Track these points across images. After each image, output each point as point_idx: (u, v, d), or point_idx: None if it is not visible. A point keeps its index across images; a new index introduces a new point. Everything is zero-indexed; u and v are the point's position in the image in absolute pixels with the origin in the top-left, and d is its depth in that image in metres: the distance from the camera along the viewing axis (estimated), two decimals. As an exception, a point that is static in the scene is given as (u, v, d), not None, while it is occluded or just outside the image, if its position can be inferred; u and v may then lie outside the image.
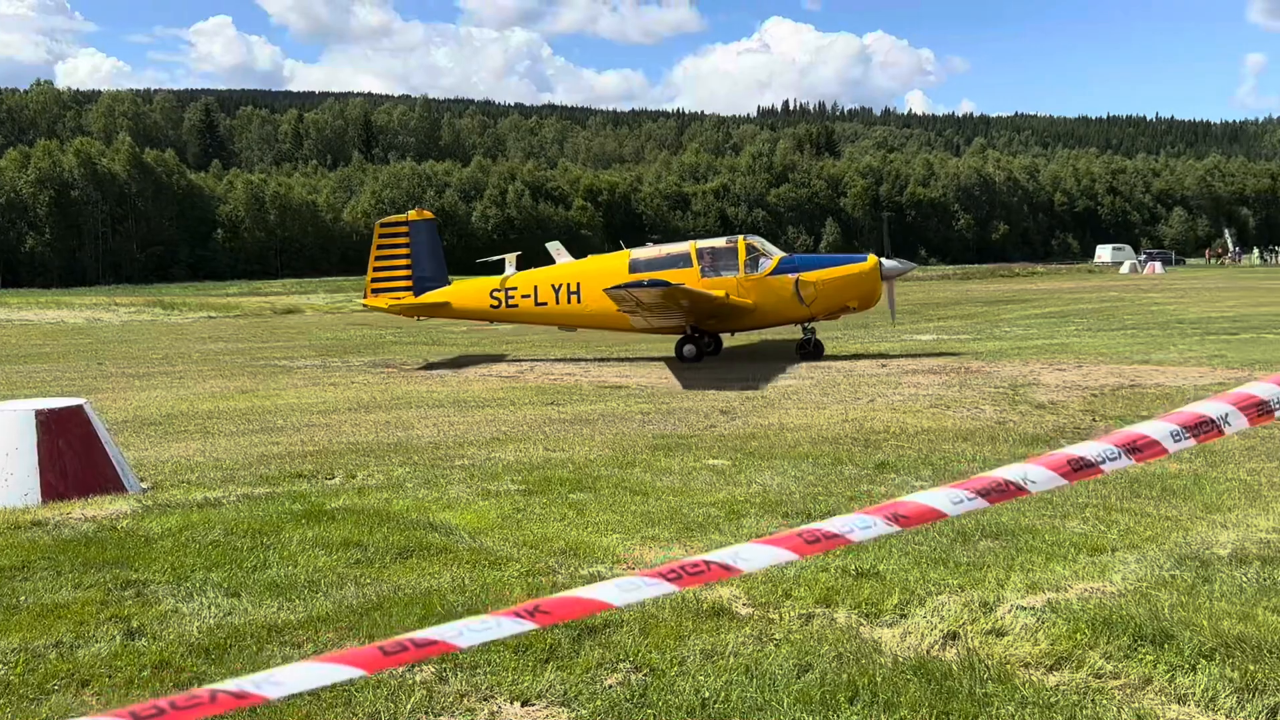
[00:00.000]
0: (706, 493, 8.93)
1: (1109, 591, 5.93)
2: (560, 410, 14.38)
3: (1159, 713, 4.42)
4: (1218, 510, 7.87)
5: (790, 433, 12.05)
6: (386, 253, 23.37)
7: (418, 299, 23.09)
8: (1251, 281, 59.58)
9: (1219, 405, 2.58)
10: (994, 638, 5.27)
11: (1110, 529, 7.40)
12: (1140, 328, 26.79)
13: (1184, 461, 9.59)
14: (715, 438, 11.83)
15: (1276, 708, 4.42)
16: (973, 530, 7.38)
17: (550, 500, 8.71)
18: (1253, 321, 27.82)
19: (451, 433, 12.61)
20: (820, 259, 22.18)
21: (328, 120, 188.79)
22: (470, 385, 17.82)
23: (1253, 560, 6.49)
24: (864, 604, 5.81)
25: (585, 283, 22.07)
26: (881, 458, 10.33)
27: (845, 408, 14.02)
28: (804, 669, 4.92)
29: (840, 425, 12.53)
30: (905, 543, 7.06)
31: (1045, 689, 4.63)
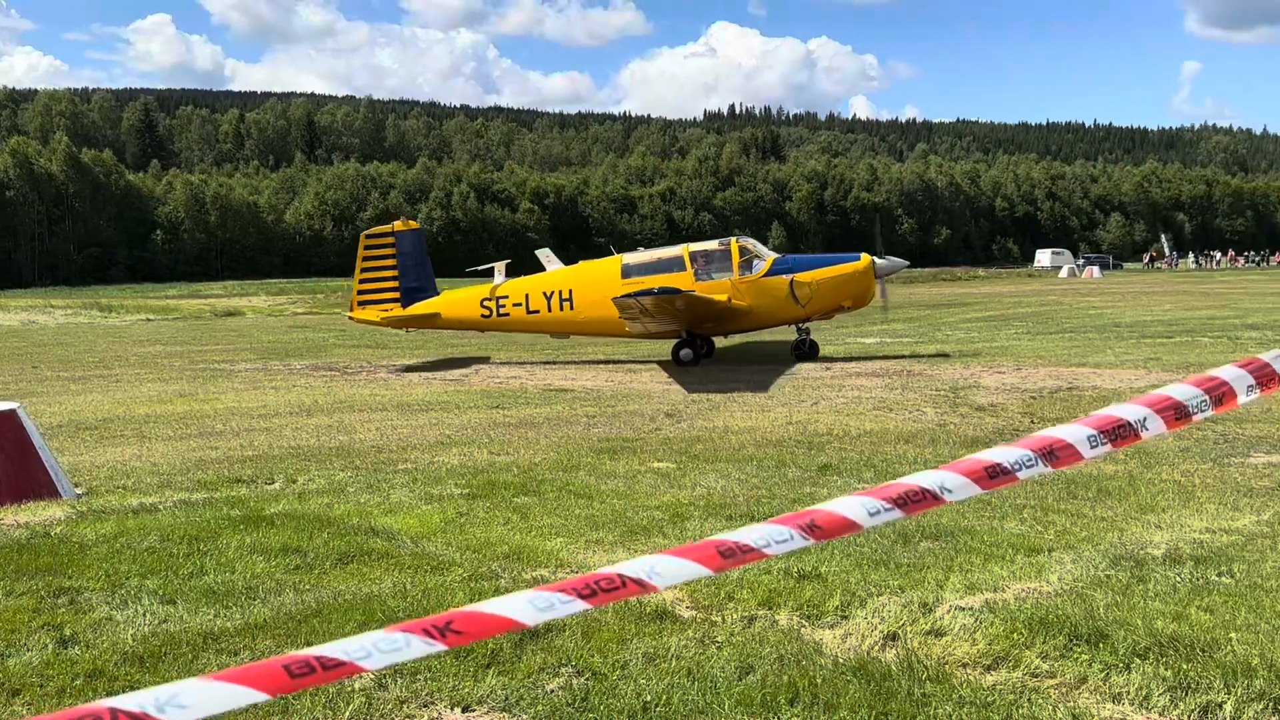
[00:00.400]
0: (651, 496, 8.93)
1: (1045, 591, 6.01)
2: (505, 414, 14.33)
3: (1094, 712, 4.49)
4: (1152, 511, 8.02)
5: (735, 435, 12.10)
6: (373, 264, 23.02)
7: (406, 310, 22.76)
8: (1187, 285, 60.79)
9: (1137, 409, 2.61)
10: (933, 638, 5.32)
11: (1047, 530, 7.50)
12: (1078, 331, 27.22)
13: (1119, 463, 9.76)
14: (660, 440, 11.84)
15: (1209, 706, 4.51)
16: (913, 531, 7.45)
17: (494, 504, 8.67)
18: (1187, 325, 28.37)
19: (394, 436, 12.52)
20: (815, 259, 22.10)
21: (270, 120, 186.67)
22: (414, 389, 17.69)
23: (1186, 560, 6.62)
24: (806, 606, 5.85)
25: (577, 289, 21.86)
26: (825, 460, 10.40)
27: (789, 410, 14.10)
28: (745, 671, 4.94)
29: (784, 428, 12.60)
30: (848, 544, 7.11)
31: (982, 689, 4.68)
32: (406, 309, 22.77)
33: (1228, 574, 6.30)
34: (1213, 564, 6.51)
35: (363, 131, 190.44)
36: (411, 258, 22.99)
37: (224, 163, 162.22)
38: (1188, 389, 2.67)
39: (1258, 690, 4.56)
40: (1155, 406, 2.62)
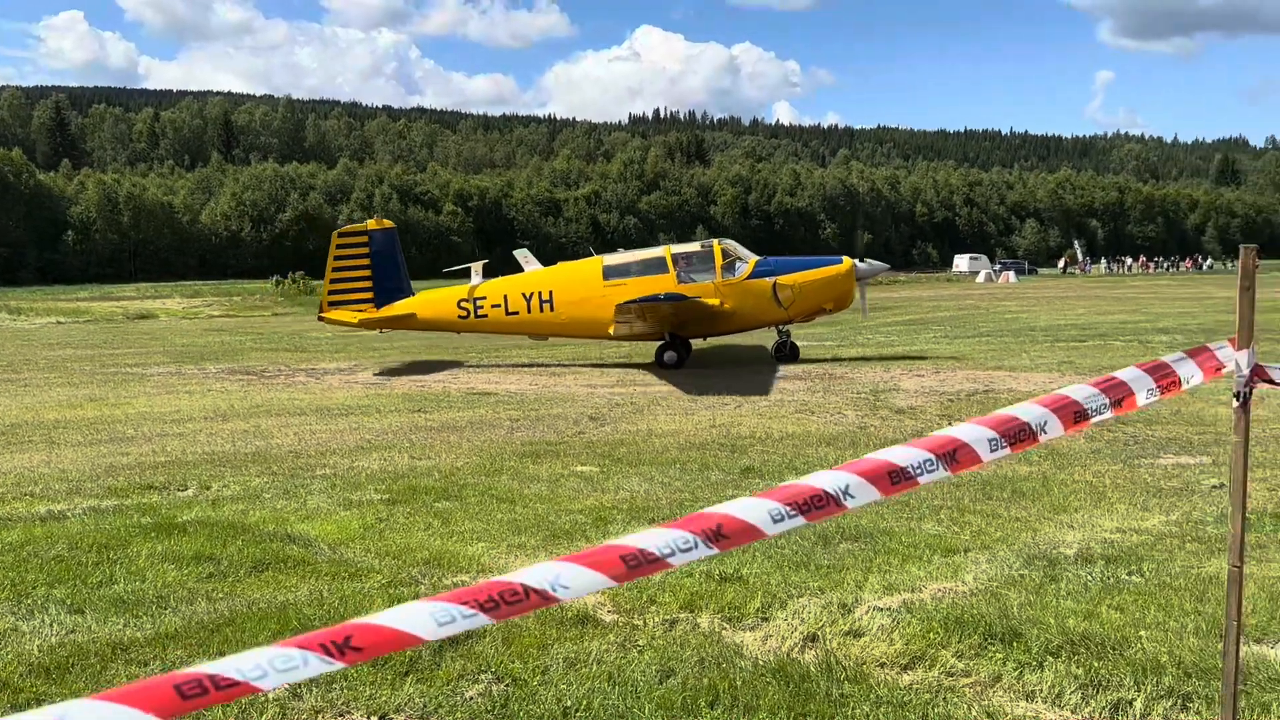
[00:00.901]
0: (574, 500, 8.90)
1: (961, 591, 6.10)
2: (428, 417, 14.18)
3: (1007, 710, 4.56)
4: (1064, 511, 8.18)
5: (658, 439, 12.11)
6: (345, 264, 22.52)
7: (381, 311, 22.36)
8: (1100, 290, 62.28)
9: (1036, 409, 2.65)
10: (852, 639, 5.37)
11: (963, 530, 7.62)
12: (995, 335, 27.72)
13: (1033, 464, 9.95)
14: (584, 444, 11.81)
15: (1119, 703, 4.60)
16: (833, 533, 7.52)
17: (415, 509, 8.58)
18: (1100, 329, 29.04)
19: (313, 441, 12.32)
20: (797, 262, 22.12)
21: (185, 119, 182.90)
22: (334, 393, 17.44)
23: (1097, 559, 6.76)
24: (727, 608, 5.87)
25: (558, 290, 21.64)
26: (747, 463, 10.46)
27: (713, 413, 14.15)
28: (666, 675, 4.94)
29: (708, 431, 12.65)
30: (769, 547, 7.15)
31: (899, 688, 4.73)
32: (381, 310, 22.39)
33: (1138, 573, 6.45)
34: (1123, 563, 6.66)
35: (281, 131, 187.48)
36: (385, 257, 22.61)
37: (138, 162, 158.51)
38: (1087, 390, 2.72)
39: (1167, 687, 4.66)
40: (1054, 408, 2.66)
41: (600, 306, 21.00)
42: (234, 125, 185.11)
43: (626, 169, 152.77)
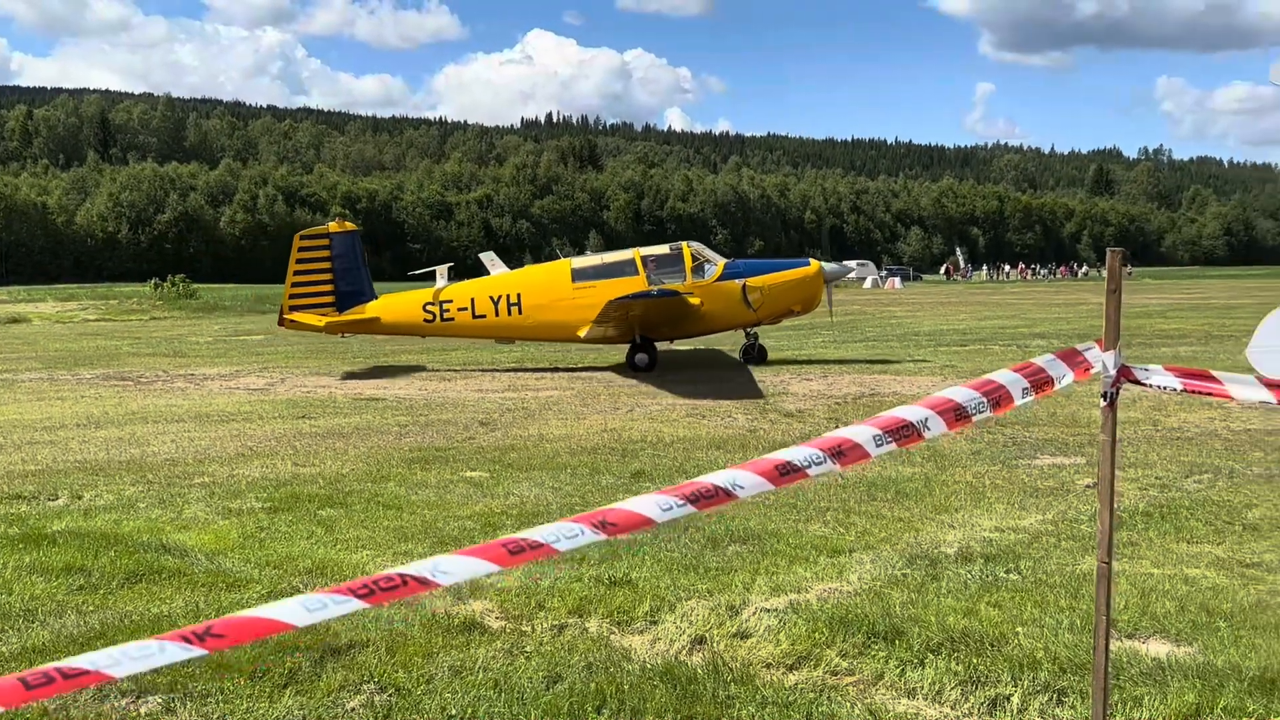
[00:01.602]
0: (463, 506, 8.80)
1: (846, 591, 6.18)
2: (312, 424, 13.89)
3: (889, 707, 4.63)
4: (946, 511, 8.36)
5: (549, 443, 12.05)
6: (306, 266, 21.91)
7: (343, 316, 21.87)
8: (981, 296, 64.02)
9: (919, 410, 2.70)
10: (739, 640, 5.40)
11: (849, 531, 7.73)
12: (880, 339, 28.28)
13: (916, 465, 10.15)
14: (474, 450, 11.69)
15: (997, 699, 4.70)
16: (722, 535, 7.57)
17: (297, 517, 8.38)
18: (980, 334, 29.83)
19: (192, 449, 11.96)
20: (765, 264, 22.16)
21: (60, 117, 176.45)
22: (214, 399, 16.97)
23: (976, 558, 6.92)
24: (616, 612, 5.85)
25: (526, 293, 21.39)
26: (638, 466, 10.47)
27: (605, 418, 14.14)
28: (554, 680, 4.90)
29: (599, 435, 12.63)
30: (658, 550, 7.16)
31: (785, 688, 4.77)
32: (343, 314, 21.92)
33: (1015, 571, 6.62)
34: (1001, 561, 6.82)
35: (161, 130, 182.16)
36: (347, 260, 22.15)
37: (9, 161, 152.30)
38: (967, 392, 2.78)
39: (1043, 682, 4.78)
40: (937, 408, 2.71)
41: (569, 309, 20.89)
42: (111, 124, 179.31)
43: (519, 173, 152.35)
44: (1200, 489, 9.00)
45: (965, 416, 2.75)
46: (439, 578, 2.06)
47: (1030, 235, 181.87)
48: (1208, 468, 9.89)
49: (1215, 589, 6.17)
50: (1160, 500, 8.56)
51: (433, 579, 2.06)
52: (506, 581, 6.34)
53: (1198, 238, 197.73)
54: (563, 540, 2.21)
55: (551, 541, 2.18)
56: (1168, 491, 8.92)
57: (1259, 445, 11.00)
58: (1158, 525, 7.73)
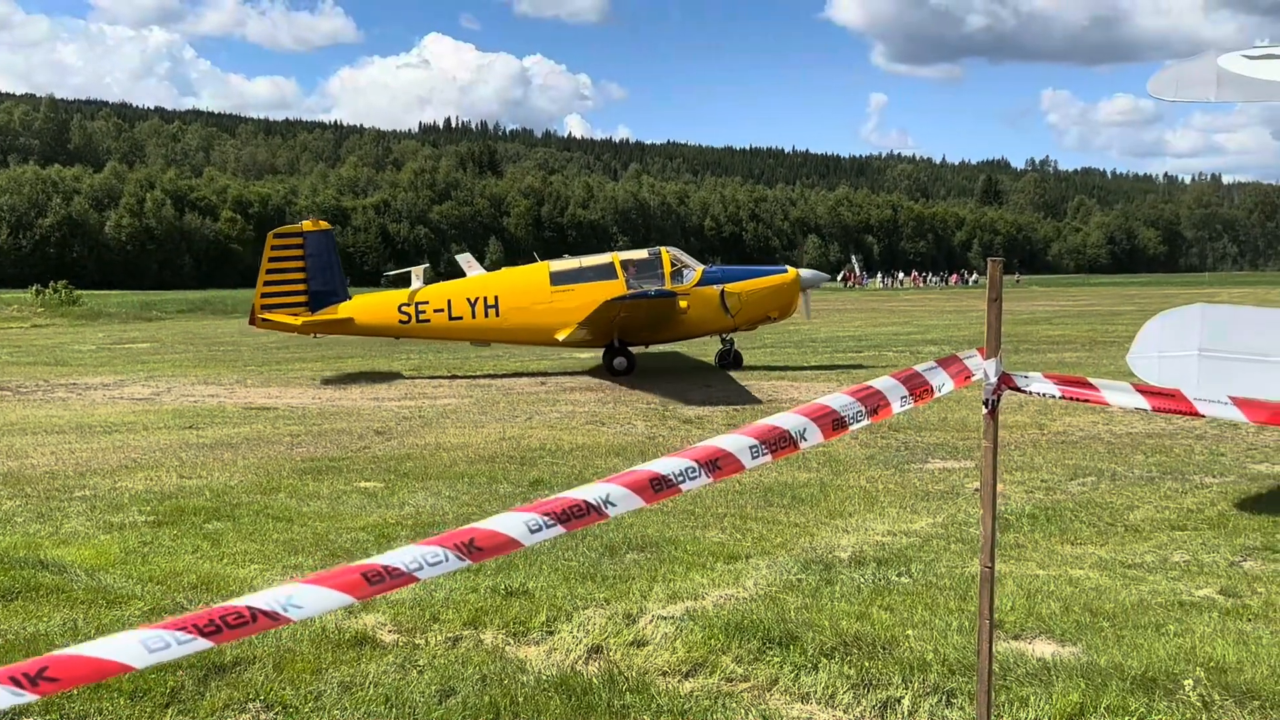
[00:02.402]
0: (356, 517, 8.64)
1: (742, 597, 6.21)
2: (200, 435, 13.51)
3: (783, 712, 4.65)
4: (840, 516, 8.46)
5: (446, 452, 11.91)
6: (279, 265, 21.58)
7: (316, 316, 21.51)
8: (875, 303, 65.23)
9: (797, 419, 2.71)
10: (635, 649, 5.38)
11: (745, 537, 7.78)
12: (778, 346, 28.58)
13: (812, 470, 10.27)
14: (368, 459, 11.50)
15: (888, 701, 4.76)
16: (620, 543, 7.55)
17: (182, 531, 8.14)
18: (875, 340, 30.37)
19: (72, 461, 11.54)
20: (743, 270, 22.30)
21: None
22: (97, 409, 16.41)
23: (869, 562, 7.01)
24: (512, 623, 5.79)
25: (504, 296, 21.25)
26: (537, 475, 10.40)
27: (503, 426, 14.03)
28: (447, 694, 4.82)
29: (498, 444, 12.53)
30: (555, 559, 7.12)
31: (680, 696, 4.77)
32: (315, 314, 21.57)
33: (906, 574, 6.72)
34: (893, 565, 6.93)
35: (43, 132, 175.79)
36: (321, 260, 21.83)
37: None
38: (844, 399, 2.80)
39: (932, 684, 4.86)
40: (813, 417, 2.73)
41: (547, 313, 20.87)
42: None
43: (417, 178, 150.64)
44: (1084, 491, 9.26)
45: (843, 425, 2.77)
46: (290, 613, 1.99)
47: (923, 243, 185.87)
48: (1091, 470, 10.18)
49: (1099, 589, 6.34)
50: (1045, 503, 8.79)
51: (284, 614, 1.99)
52: (399, 594, 6.23)
53: (1082, 246, 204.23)
54: (425, 567, 2.15)
55: (413, 569, 2.12)
56: (1053, 494, 9.16)
57: (1140, 448, 11.37)
58: (1043, 527, 7.93)
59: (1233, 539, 7.53)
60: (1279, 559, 7.01)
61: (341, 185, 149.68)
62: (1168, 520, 8.14)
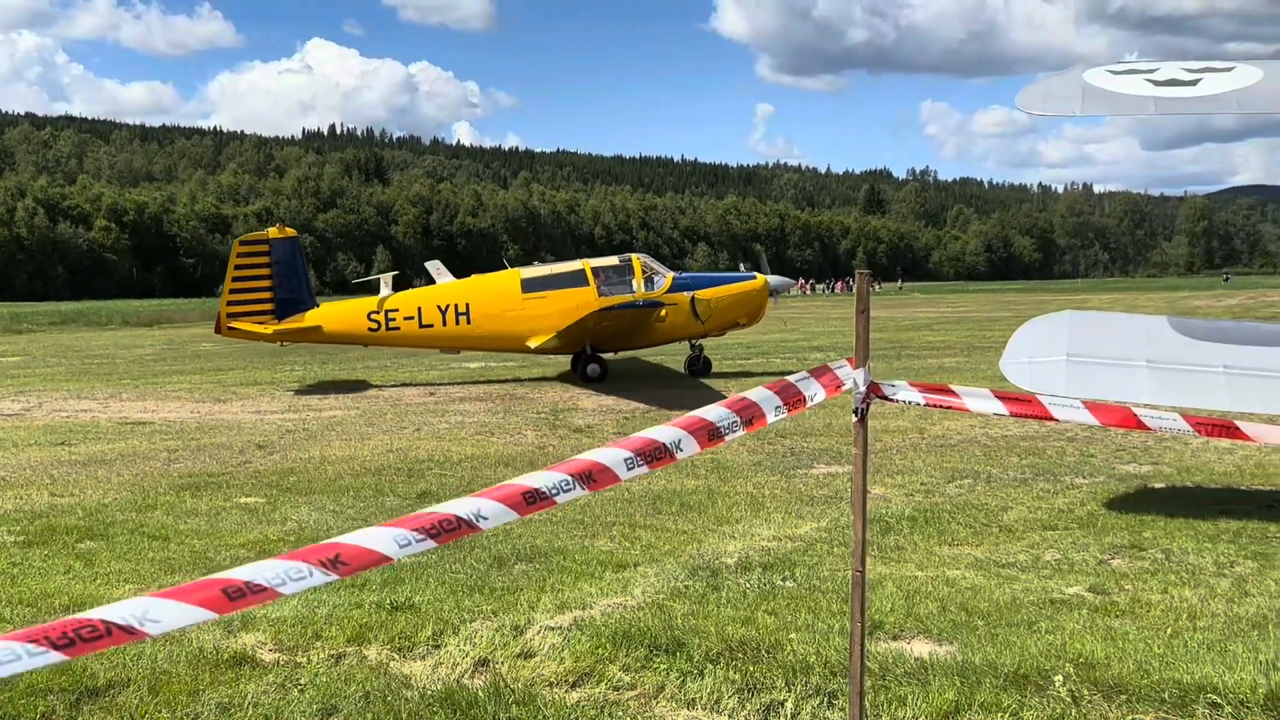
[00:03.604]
0: (236, 533, 8.45)
1: (630, 605, 6.24)
2: (72, 451, 13.05)
3: (669, 718, 4.69)
4: (727, 522, 8.56)
5: (331, 465, 11.72)
6: (246, 273, 21.24)
7: (283, 324, 21.22)
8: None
9: (672, 431, 2.75)
10: (523, 660, 5.37)
11: (634, 545, 7.82)
12: (668, 352, 28.73)
13: (700, 478, 10.37)
14: (250, 474, 11.25)
15: (771, 704, 4.83)
16: (509, 555, 7.53)
17: (54, 551, 7.86)
18: (762, 347, 30.74)
19: (-65, 481, 11.04)
20: (712, 277, 22.39)
21: None
22: (-37, 425, 15.73)
23: (755, 567, 7.11)
24: (398, 638, 5.72)
25: (475, 303, 21.20)
26: (424, 487, 10.30)
27: (390, 438, 13.86)
28: (328, 713, 4.75)
29: (384, 456, 12.37)
30: (443, 572, 7.06)
31: (566, 706, 4.77)
32: (282, 321, 21.19)
33: (791, 578, 6.83)
34: (778, 569, 7.04)
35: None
36: (287, 267, 21.42)
37: None
38: (720, 411, 2.85)
39: (814, 686, 4.95)
40: (689, 428, 2.77)
41: (519, 320, 20.94)
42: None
43: (301, 185, 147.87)
44: (961, 493, 9.52)
45: (718, 435, 2.82)
46: (147, 627, 1.95)
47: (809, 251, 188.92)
48: (968, 473, 10.48)
49: (974, 589, 6.53)
50: (925, 505, 9.02)
51: (140, 628, 1.95)
52: (280, 612, 6.11)
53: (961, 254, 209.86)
54: (289, 583, 2.12)
55: (276, 585, 2.10)
56: (931, 497, 9.40)
57: (1015, 450, 11.74)
58: (922, 529, 8.14)
59: (1101, 538, 7.83)
60: (1145, 557, 7.31)
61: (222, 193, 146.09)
62: (1040, 520, 8.43)
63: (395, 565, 7.32)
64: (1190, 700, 4.69)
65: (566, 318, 20.10)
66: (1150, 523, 8.22)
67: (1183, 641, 5.52)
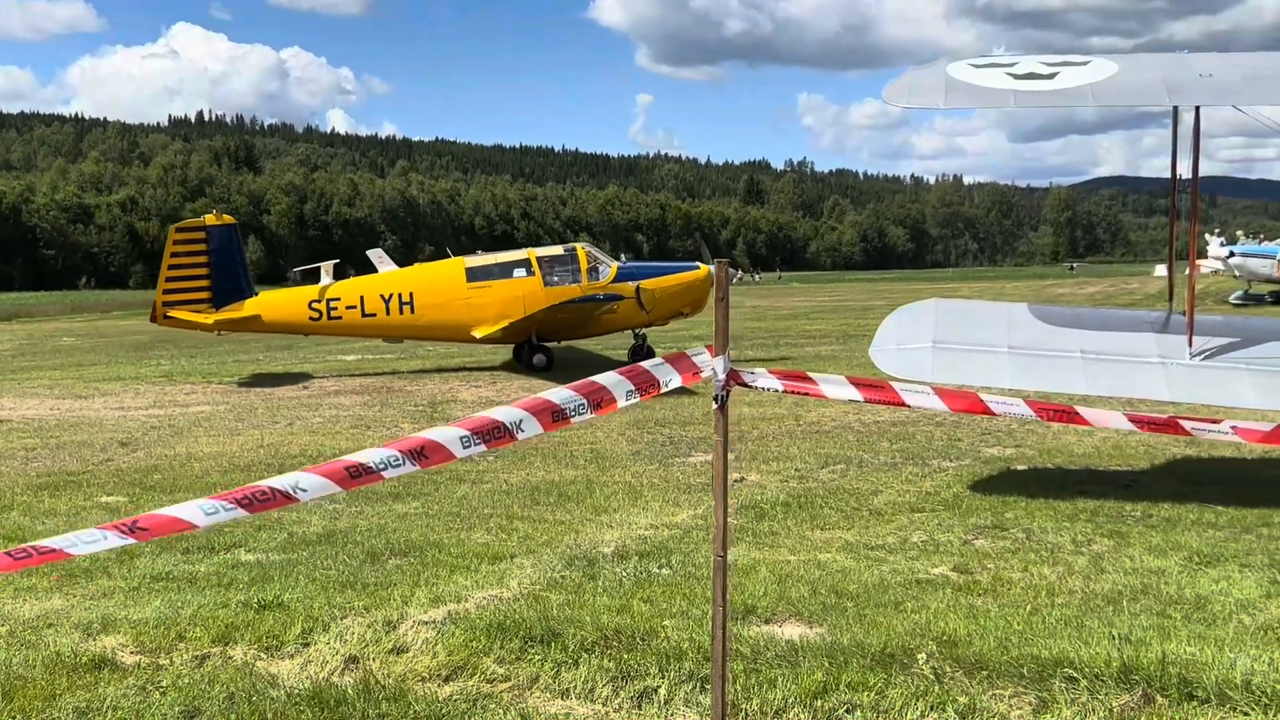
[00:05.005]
0: (97, 533, 8.14)
1: (505, 597, 6.21)
2: (-80, 451, 12.42)
3: (543, 709, 4.68)
4: (605, 512, 8.58)
5: (199, 462, 11.39)
6: (182, 260, 20.75)
7: (221, 313, 20.73)
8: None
9: (515, 412, 2.75)
10: (394, 656, 5.30)
11: (511, 537, 7.78)
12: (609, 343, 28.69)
13: (579, 467, 10.38)
14: (112, 472, 10.87)
15: (645, 691, 4.86)
16: (382, 549, 7.42)
17: (-103, 557, 7.46)
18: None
19: None
20: (656, 267, 22.34)
21: None
22: None
23: (631, 556, 7.14)
24: (265, 637, 5.59)
25: (419, 292, 20.94)
26: (295, 482, 10.07)
27: (261, 433, 13.53)
28: (191, 715, 4.62)
29: (255, 451, 12.08)
30: (313, 569, 6.93)
31: (438, 700, 4.72)
32: (220, 310, 20.65)
33: (667, 565, 6.88)
34: (654, 557, 7.08)
35: None
36: (224, 255, 20.90)
37: None
38: (566, 394, 2.85)
39: (687, 672, 4.99)
40: (532, 410, 2.77)
41: (463, 309, 20.85)
42: None
43: (168, 174, 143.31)
44: (834, 479, 9.71)
45: (563, 417, 2.82)
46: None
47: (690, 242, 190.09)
48: (841, 458, 10.69)
49: (844, 571, 6.67)
50: (799, 491, 9.17)
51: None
52: (142, 613, 5.93)
53: (838, 244, 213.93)
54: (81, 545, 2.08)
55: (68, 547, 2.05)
56: (805, 482, 9.57)
57: (886, 435, 12.02)
58: (795, 514, 8.28)
59: (966, 519, 8.07)
60: (1007, 536, 7.56)
61: (84, 181, 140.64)
62: (908, 503, 8.65)
63: (264, 563, 7.16)
64: (1048, 675, 4.86)
65: (511, 307, 20.30)
66: (1012, 503, 8.50)
67: (1041, 618, 5.72)
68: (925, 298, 10.36)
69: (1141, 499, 8.57)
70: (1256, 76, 8.12)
